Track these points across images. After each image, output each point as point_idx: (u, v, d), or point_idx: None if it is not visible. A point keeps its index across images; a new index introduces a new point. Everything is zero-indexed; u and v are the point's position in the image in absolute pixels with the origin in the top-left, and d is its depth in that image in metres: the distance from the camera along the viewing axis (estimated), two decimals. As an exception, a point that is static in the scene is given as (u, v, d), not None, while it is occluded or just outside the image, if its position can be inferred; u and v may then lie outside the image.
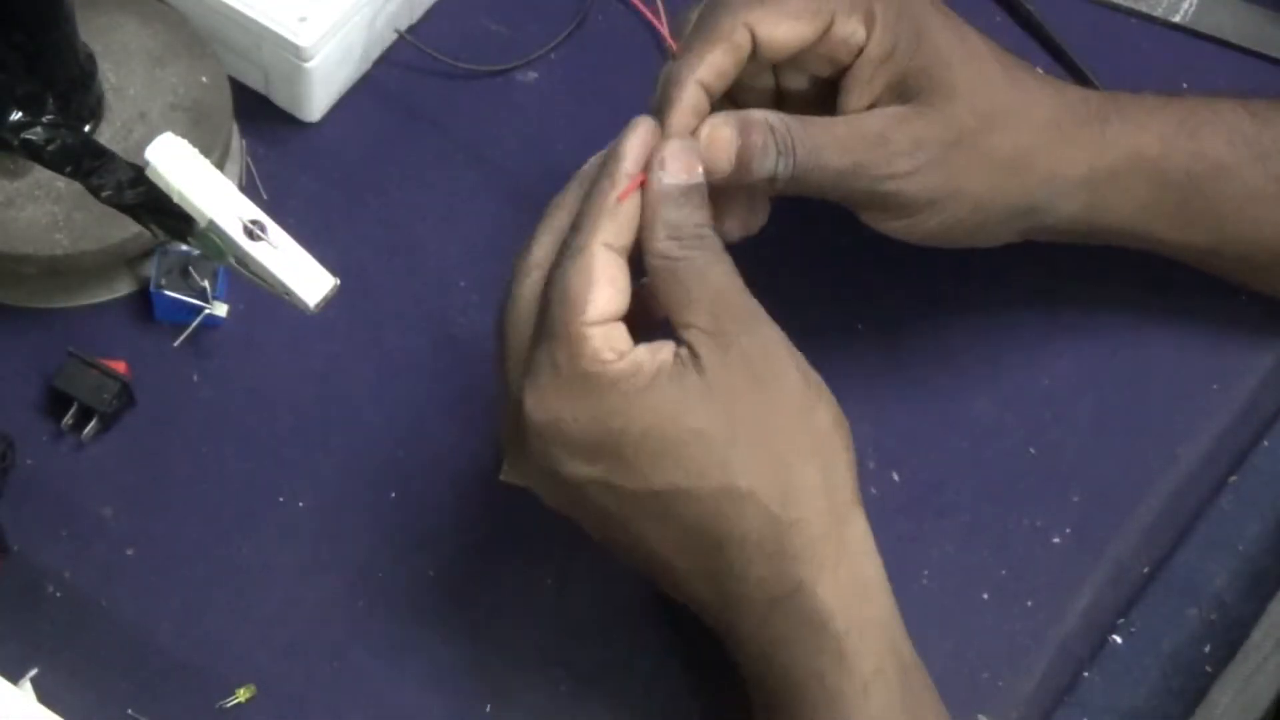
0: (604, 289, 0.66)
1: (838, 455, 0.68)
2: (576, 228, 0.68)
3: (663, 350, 0.67)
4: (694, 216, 0.68)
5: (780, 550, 0.67)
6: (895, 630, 0.68)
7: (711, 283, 0.67)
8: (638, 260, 0.68)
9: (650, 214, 0.68)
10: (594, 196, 0.68)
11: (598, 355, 0.66)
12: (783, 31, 0.71)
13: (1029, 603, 0.77)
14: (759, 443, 0.66)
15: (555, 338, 0.66)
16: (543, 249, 0.69)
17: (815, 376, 0.68)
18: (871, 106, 0.73)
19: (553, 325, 0.66)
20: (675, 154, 0.68)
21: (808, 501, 0.67)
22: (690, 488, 0.66)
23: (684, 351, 0.67)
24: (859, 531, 0.68)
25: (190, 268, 0.79)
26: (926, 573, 0.78)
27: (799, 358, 0.68)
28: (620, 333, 0.67)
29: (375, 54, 0.87)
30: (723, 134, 0.70)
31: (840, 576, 0.67)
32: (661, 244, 0.67)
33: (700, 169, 0.68)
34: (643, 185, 0.68)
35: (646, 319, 0.68)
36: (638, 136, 0.68)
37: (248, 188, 0.83)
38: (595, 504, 0.68)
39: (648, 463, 0.66)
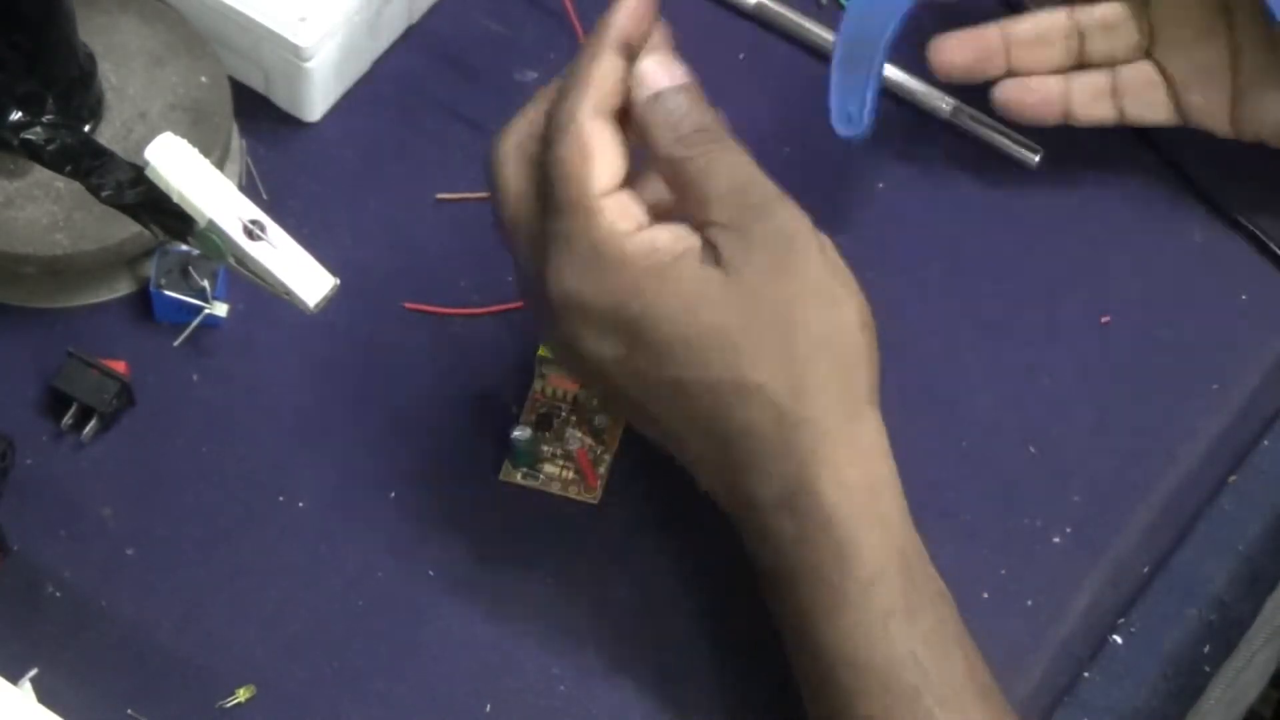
0: (603, 157, 0.66)
1: (858, 353, 0.68)
2: (561, 97, 0.68)
3: (685, 239, 0.67)
4: (691, 116, 0.68)
5: (787, 448, 0.66)
6: (902, 530, 0.68)
7: (724, 176, 0.67)
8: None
9: (645, 124, 0.68)
10: (576, 66, 0.68)
11: (614, 227, 0.66)
12: None
13: (1029, 603, 0.77)
14: (775, 337, 0.66)
15: (565, 212, 0.66)
16: (526, 124, 0.69)
17: (846, 273, 0.68)
18: None
19: (560, 201, 0.66)
20: (653, 67, 0.68)
21: (819, 399, 0.67)
22: (703, 379, 0.66)
23: (706, 249, 0.66)
24: (871, 430, 0.68)
25: (190, 268, 0.79)
26: (926, 573, 0.78)
27: (829, 251, 0.68)
28: (633, 201, 0.67)
29: (375, 54, 0.87)
30: None
31: (847, 477, 0.67)
32: (665, 148, 0.67)
33: (681, 71, 0.68)
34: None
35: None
36: (625, 10, 0.68)
37: (248, 188, 0.83)
38: (615, 383, 0.68)
39: (664, 350, 0.66)
